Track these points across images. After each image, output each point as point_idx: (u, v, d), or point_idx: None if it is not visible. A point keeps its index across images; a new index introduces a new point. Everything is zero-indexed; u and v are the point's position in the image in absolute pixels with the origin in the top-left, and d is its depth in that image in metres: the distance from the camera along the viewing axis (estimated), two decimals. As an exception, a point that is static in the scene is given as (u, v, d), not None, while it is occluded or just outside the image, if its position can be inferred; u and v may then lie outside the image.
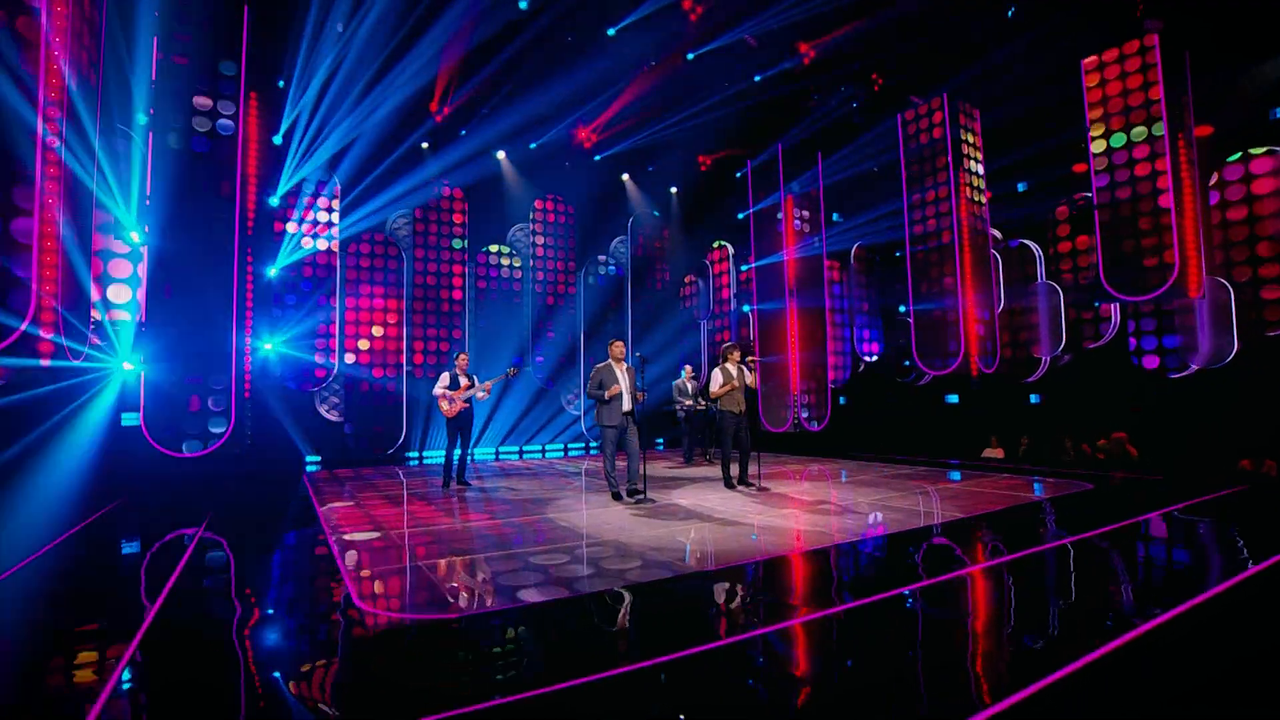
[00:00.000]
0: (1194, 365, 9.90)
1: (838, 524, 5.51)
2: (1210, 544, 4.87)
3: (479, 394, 8.14)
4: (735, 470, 7.71)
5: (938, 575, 4.04)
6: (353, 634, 3.11)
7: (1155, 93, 9.02)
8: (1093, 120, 9.59)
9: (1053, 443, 11.03)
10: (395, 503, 6.94)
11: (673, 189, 14.72)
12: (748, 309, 13.56)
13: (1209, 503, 6.30)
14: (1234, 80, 9.54)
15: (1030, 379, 12.06)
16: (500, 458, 12.46)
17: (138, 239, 6.78)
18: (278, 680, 2.56)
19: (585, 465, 10.87)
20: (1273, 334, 8.87)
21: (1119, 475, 8.56)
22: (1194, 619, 3.06)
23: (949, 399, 13.41)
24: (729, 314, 14.51)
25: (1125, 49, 9.28)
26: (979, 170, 11.17)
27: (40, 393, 5.42)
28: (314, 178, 10.76)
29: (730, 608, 3.48)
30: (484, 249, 12.86)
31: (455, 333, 12.23)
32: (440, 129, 11.36)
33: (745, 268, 13.75)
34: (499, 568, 4.22)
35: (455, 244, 12.26)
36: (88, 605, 3.66)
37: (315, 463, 10.67)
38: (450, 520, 5.91)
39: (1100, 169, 9.52)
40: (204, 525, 5.58)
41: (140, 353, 6.75)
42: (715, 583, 3.92)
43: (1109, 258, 9.46)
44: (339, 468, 10.58)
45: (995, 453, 11.17)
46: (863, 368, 14.27)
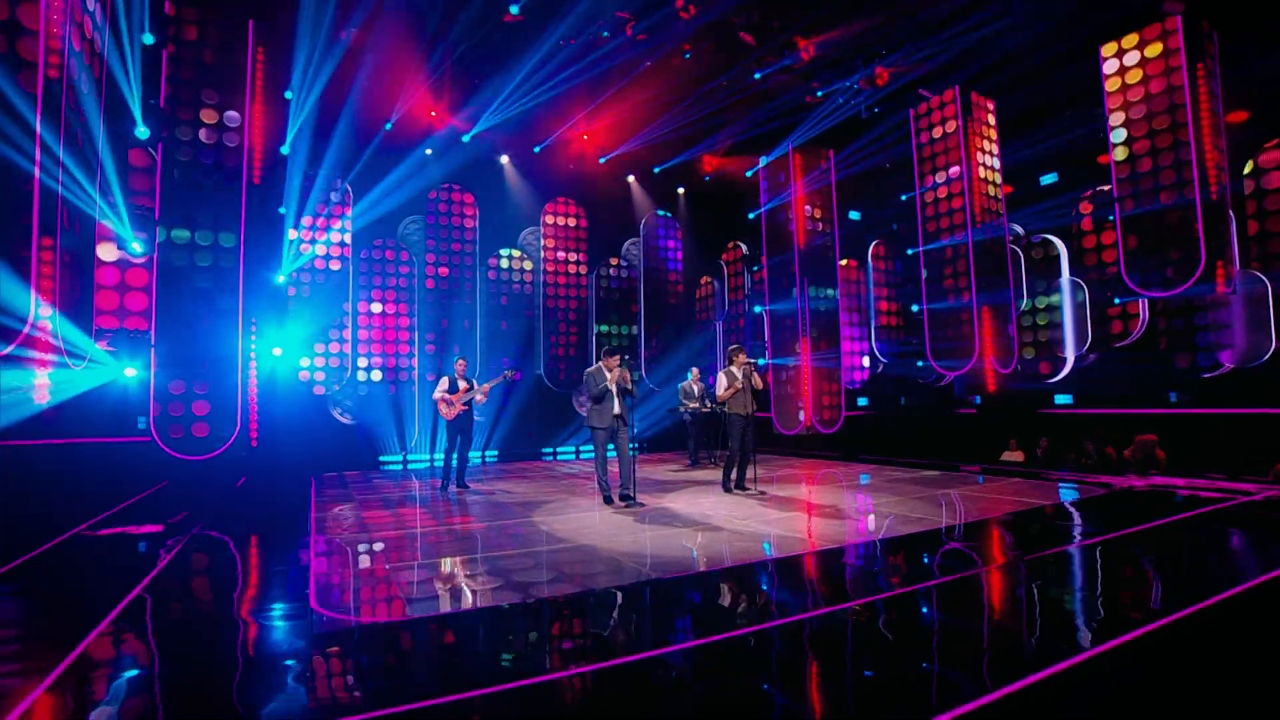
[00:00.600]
0: (1228, 364, 9.42)
1: (821, 530, 5.36)
2: (1196, 566, 4.60)
3: (478, 397, 8.19)
4: (737, 473, 7.58)
5: (894, 589, 3.89)
6: (282, 632, 3.12)
7: (1178, 78, 8.61)
8: (1112, 109, 9.20)
9: (1075, 446, 10.60)
10: (389, 505, 7.01)
11: (680, 189, 14.63)
12: (759, 309, 13.39)
13: (1226, 513, 5.96)
14: (1271, 62, 9.05)
15: (1055, 379, 11.64)
16: (505, 460, 12.51)
17: (140, 249, 7.00)
18: (188, 670, 2.59)
19: (586, 468, 10.87)
20: (1311, 330, 8.38)
21: (1138, 480, 8.17)
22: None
23: (970, 399, 13.02)
24: (743, 314, 14.35)
25: (1145, 34, 8.88)
26: (995, 164, 10.82)
27: (42, 396, 5.61)
28: (323, 185, 10.98)
29: (660, 620, 3.40)
30: (495, 253, 12.96)
31: (466, 337, 12.35)
32: (443, 135, 11.49)
33: (756, 268, 13.58)
34: (462, 571, 4.21)
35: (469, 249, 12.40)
36: (56, 602, 3.77)
37: (327, 464, 10.87)
38: (435, 523, 5.95)
39: (1120, 159, 9.13)
40: (194, 524, 5.72)
41: (141, 359, 6.96)
42: (665, 591, 3.83)
43: (1130, 252, 9.06)
44: (349, 469, 10.77)
45: (1015, 456, 10.78)
46: (880, 368, 13.97)
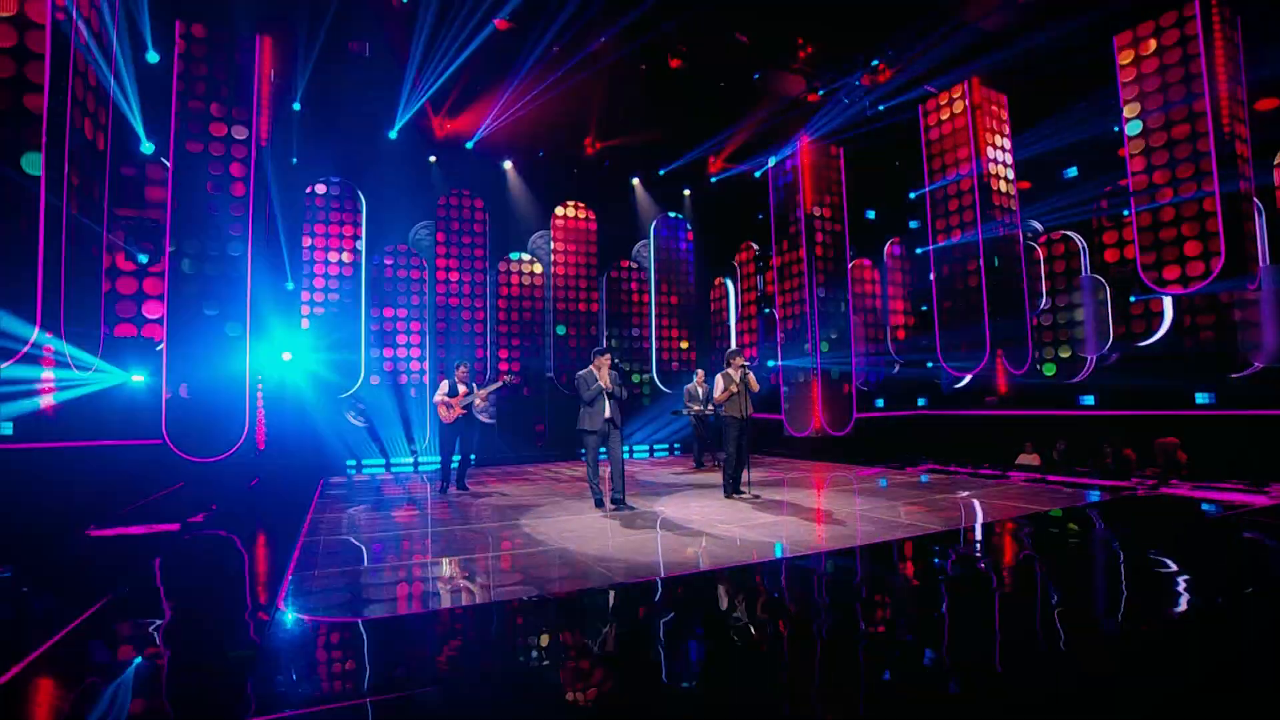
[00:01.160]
0: (1257, 363, 9.02)
1: (798, 536, 5.29)
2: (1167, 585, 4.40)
3: (477, 401, 8.30)
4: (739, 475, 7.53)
5: (846, 600, 3.82)
6: (244, 629, 3.22)
7: (1196, 67, 8.26)
8: (1127, 101, 8.88)
9: (1094, 448, 10.25)
10: (385, 507, 7.15)
11: (686, 191, 14.58)
12: (768, 311, 13.27)
13: (1241, 518, 5.70)
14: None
15: (1076, 379, 11.28)
16: (512, 463, 12.60)
17: (146, 260, 7.29)
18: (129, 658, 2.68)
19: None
20: (1342, 328, 7.97)
21: (1151, 484, 7.87)
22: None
23: (988, 401, 12.69)
24: (755, 315, 14.24)
25: (1162, 21, 8.55)
26: (1006, 160, 10.53)
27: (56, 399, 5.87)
28: (333, 193, 11.26)
29: (584, 629, 3.39)
30: (504, 256, 13.10)
31: (478, 340, 12.52)
32: (449, 142, 11.66)
33: (766, 269, 13.46)
34: (430, 573, 4.28)
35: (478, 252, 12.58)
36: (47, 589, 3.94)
37: (341, 466, 11.14)
38: (423, 526, 6.04)
39: (1136, 152, 8.81)
40: (195, 525, 5.93)
41: (149, 365, 7.24)
42: (618, 598, 3.83)
43: (1146, 248, 8.73)
44: (361, 471, 11.02)
45: (1031, 459, 10.48)
46: (897, 369, 13.72)
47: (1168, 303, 9.86)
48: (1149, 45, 8.66)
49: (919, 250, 12.32)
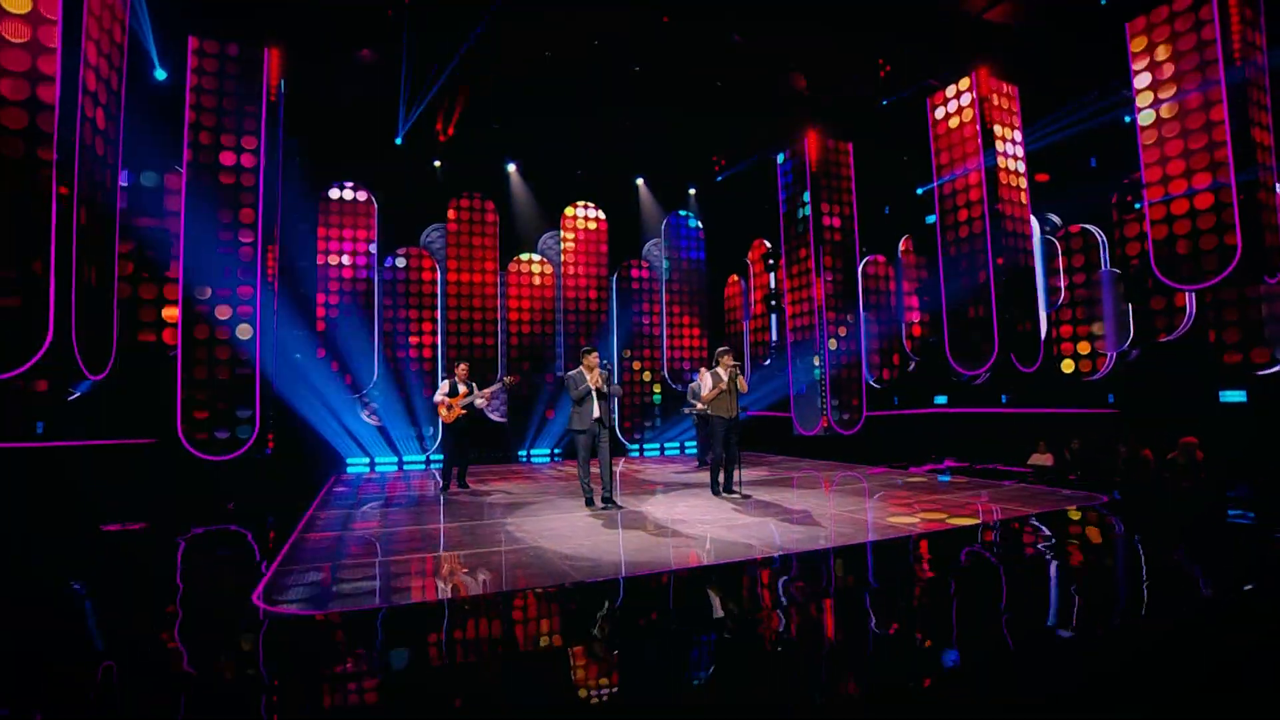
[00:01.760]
0: (1285, 360, 8.64)
1: (773, 538, 5.30)
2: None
3: (478, 401, 8.48)
4: (724, 476, 7.56)
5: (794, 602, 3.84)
6: (218, 619, 3.41)
7: (1211, 53, 7.93)
8: (1140, 90, 8.57)
9: (1111, 447, 9.94)
10: (384, 505, 7.39)
11: (691, 190, 14.55)
12: (776, 307, 13.18)
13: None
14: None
15: (1095, 376, 10.95)
16: (517, 461, 12.79)
17: (158, 266, 7.65)
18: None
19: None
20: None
21: (1159, 486, 7.63)
22: None
23: (1004, 398, 12.40)
24: (765, 314, 14.16)
25: (1175, 5, 8.22)
26: (1017, 152, 10.26)
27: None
28: (346, 198, 11.60)
29: (520, 627, 3.48)
30: (515, 257, 13.29)
31: (489, 340, 12.75)
32: (458, 145, 11.88)
33: (775, 267, 13.37)
34: (390, 571, 4.43)
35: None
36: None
37: (358, 464, 11.49)
38: (414, 524, 6.23)
39: (1149, 143, 8.50)
40: (205, 519, 6.24)
41: (164, 369, 7.60)
42: (557, 598, 3.92)
43: (1160, 241, 8.43)
44: (375, 468, 11.36)
45: (1044, 458, 10.21)
46: (912, 366, 13.49)
47: (1190, 298, 9.50)
48: (1163, 31, 8.34)
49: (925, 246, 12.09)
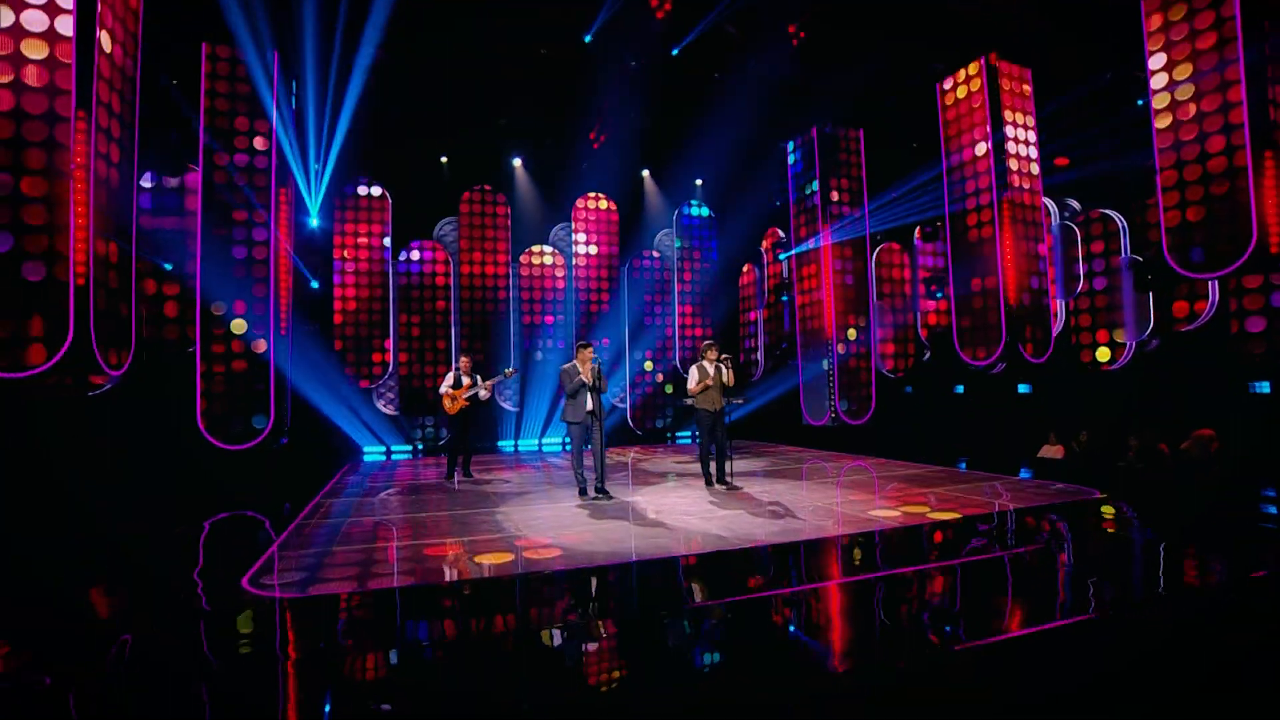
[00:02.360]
0: (1309, 350, 8.33)
1: (748, 530, 5.40)
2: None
3: (481, 393, 8.72)
4: (714, 467, 7.66)
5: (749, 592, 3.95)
6: (204, 601, 3.70)
7: (1230, 29, 7.60)
8: (1154, 71, 8.27)
9: (1123, 440, 9.70)
10: (388, 492, 7.71)
11: (698, 181, 14.51)
12: (786, 298, 13.14)
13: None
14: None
15: (1114, 366, 10.68)
16: (525, 450, 13.04)
17: (171, 267, 8.05)
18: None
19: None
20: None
21: (1165, 481, 7.48)
22: None
23: (1020, 389, 12.16)
24: (775, 303, 14.12)
25: (1193, -16, 7.89)
26: (1029, 137, 9.99)
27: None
28: (360, 193, 11.93)
29: (447, 618, 3.66)
30: (527, 249, 13.50)
31: (501, 331, 13.02)
32: (468, 140, 12.08)
33: (783, 256, 13.31)
34: (375, 558, 4.69)
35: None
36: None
37: (374, 452, 11.93)
38: (410, 512, 6.51)
39: (1163, 126, 8.21)
40: (217, 504, 6.63)
41: (181, 363, 8.03)
42: (508, 588, 4.10)
43: (1172, 228, 8.17)
44: (390, 455, 11.77)
45: (1054, 450, 10.03)
46: (927, 356, 13.32)
47: (1213, 285, 9.18)
48: (1179, 9, 8.02)
49: (929, 230, 11.88)
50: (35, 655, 3.04)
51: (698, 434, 10.81)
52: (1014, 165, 9.75)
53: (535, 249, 13.58)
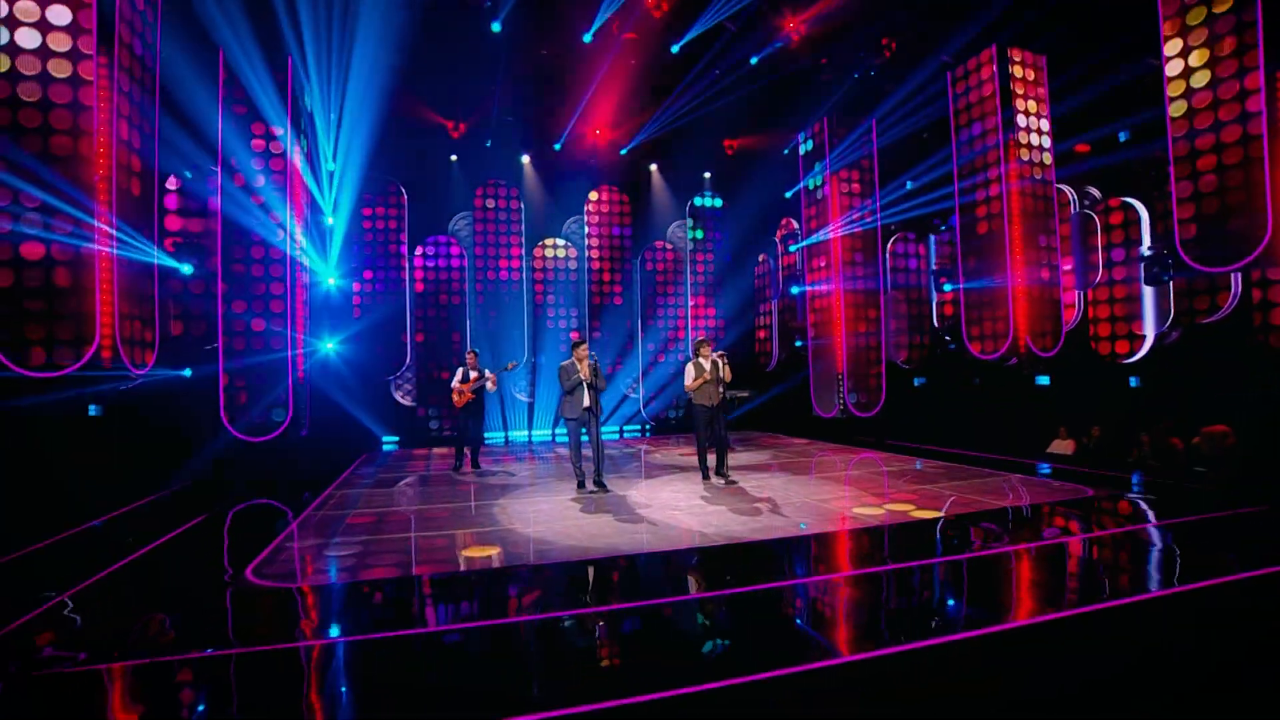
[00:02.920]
0: (1334, 344, 8.07)
1: (732, 526, 5.54)
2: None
3: (488, 385, 9.00)
4: (712, 461, 7.80)
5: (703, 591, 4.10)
6: (204, 590, 4.02)
7: (1250, 14, 7.32)
8: (1169, 58, 8.01)
9: (1141, 435, 9.52)
10: (397, 484, 8.05)
11: (706, 174, 14.48)
12: (796, 290, 13.11)
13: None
14: None
15: (1132, 358, 10.45)
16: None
17: (190, 270, 8.44)
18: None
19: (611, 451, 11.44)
20: None
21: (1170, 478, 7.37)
22: None
23: (1039, 381, 11.96)
24: (786, 294, 14.09)
25: (1212, -36, 7.60)
26: (1042, 126, 9.76)
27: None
28: (374, 190, 12.26)
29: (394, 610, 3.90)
30: (540, 242, 13.71)
31: (516, 323, 13.29)
32: (466, 142, 12.29)
33: (794, 248, 13.25)
34: (370, 550, 4.97)
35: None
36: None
37: (392, 442, 12.37)
38: (413, 504, 6.82)
39: (1178, 115, 7.97)
40: (231, 493, 7.04)
41: (201, 362, 8.45)
42: (478, 582, 4.32)
43: (1185, 221, 7.95)
44: (407, 445, 12.18)
45: (1065, 445, 9.90)
46: (952, 346, 13.17)
47: (1235, 277, 8.91)
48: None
49: (940, 225, 11.70)
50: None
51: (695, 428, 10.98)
52: (1025, 156, 9.56)
53: (548, 241, 13.78)
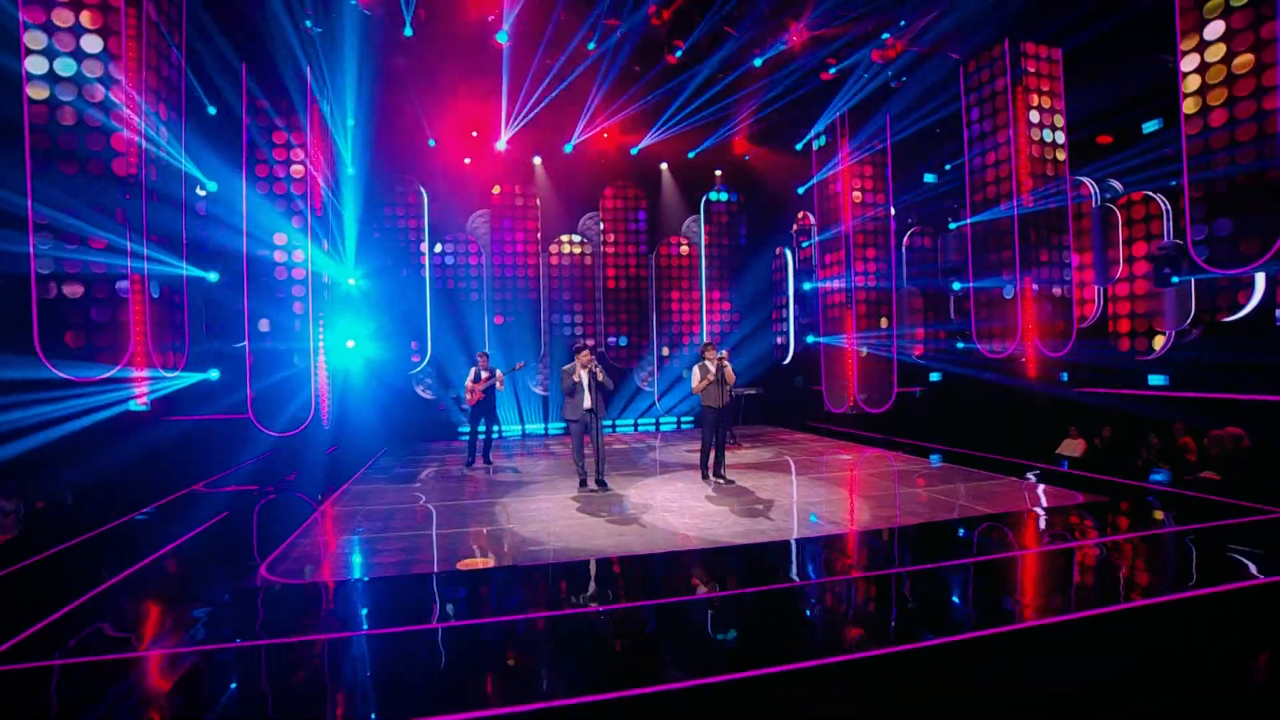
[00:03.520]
0: (1357, 345, 7.86)
1: (716, 530, 5.74)
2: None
3: (497, 385, 9.34)
4: (715, 460, 8.00)
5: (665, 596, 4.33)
6: (226, 584, 4.43)
7: (1269, 8, 7.08)
8: (1185, 51, 7.79)
9: (1157, 435, 9.36)
10: (410, 480, 8.47)
11: (717, 171, 14.48)
12: (808, 286, 13.12)
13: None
14: None
15: (1151, 356, 10.26)
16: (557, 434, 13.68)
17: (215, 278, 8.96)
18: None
19: (629, 444, 11.71)
20: None
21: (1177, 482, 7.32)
22: None
23: (1063, 376, 11.78)
24: (798, 289, 14.09)
25: (1229, -45, 7.35)
26: (1056, 121, 9.58)
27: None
28: (395, 192, 12.65)
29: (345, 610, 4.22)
30: (556, 239, 13.96)
31: (532, 319, 13.62)
32: (480, 145, 12.57)
33: (806, 244, 13.24)
34: (373, 548, 5.34)
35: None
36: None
37: (410, 434, 12.85)
38: (421, 501, 7.20)
39: (1192, 112, 7.77)
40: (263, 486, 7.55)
41: (225, 363, 8.96)
42: (456, 582, 4.63)
43: (1198, 221, 7.78)
44: (429, 439, 12.66)
45: (1075, 445, 9.81)
46: (961, 345, 13.08)
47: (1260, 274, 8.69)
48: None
49: (951, 226, 11.55)
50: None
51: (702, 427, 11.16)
52: (1037, 153, 9.41)
53: (564, 238, 14.02)
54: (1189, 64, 7.78)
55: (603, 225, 14.13)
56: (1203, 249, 7.81)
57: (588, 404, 7.51)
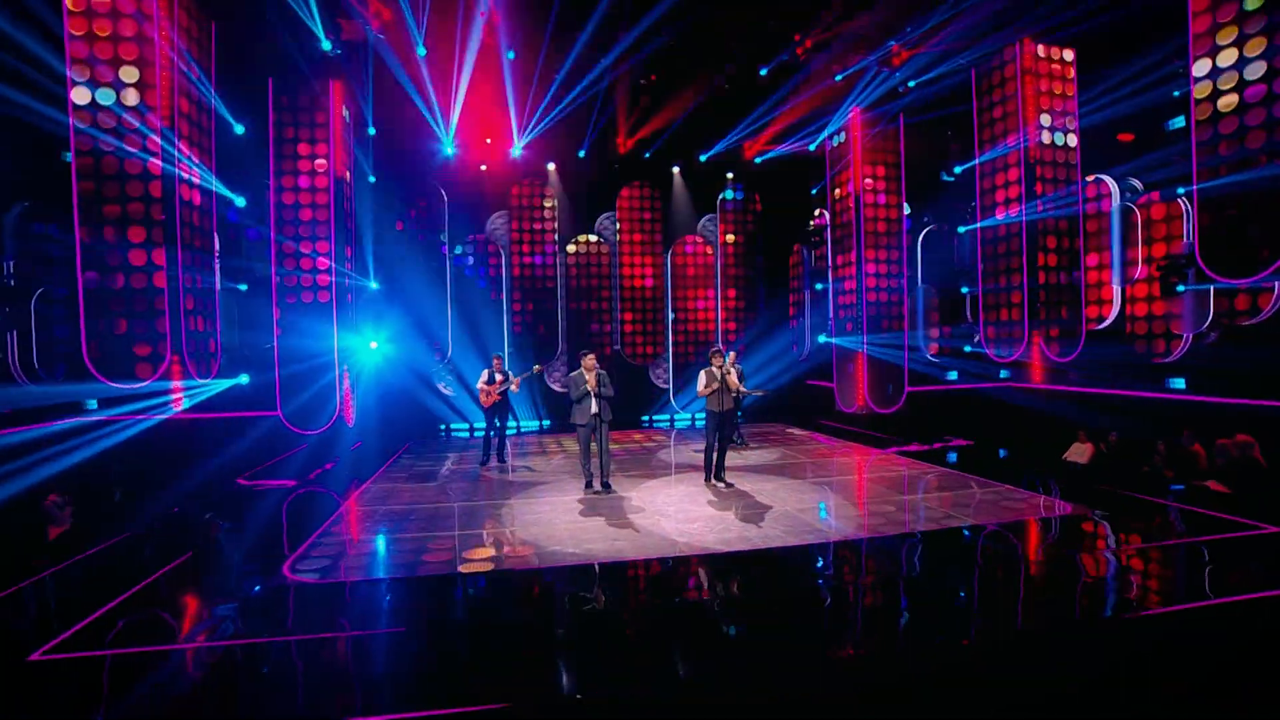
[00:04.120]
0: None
1: (707, 537, 6.00)
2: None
3: (512, 387, 9.72)
4: (717, 464, 8.26)
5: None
6: (250, 583, 4.88)
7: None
8: (1197, 56, 7.67)
9: (1159, 443, 9.32)
10: (428, 479, 8.92)
11: (729, 175, 14.54)
12: (820, 286, 13.19)
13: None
14: None
15: (1168, 359, 10.15)
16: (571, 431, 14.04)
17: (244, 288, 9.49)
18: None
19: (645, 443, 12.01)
20: None
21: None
22: None
23: (1071, 377, 11.70)
24: (809, 289, 14.16)
25: (1243, -43, 7.20)
26: (1068, 124, 9.48)
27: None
28: (418, 196, 13.07)
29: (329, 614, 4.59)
30: (573, 239, 14.26)
31: (549, 317, 13.99)
32: (495, 151, 12.89)
33: (817, 244, 13.29)
34: (385, 548, 5.75)
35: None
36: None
37: (432, 428, 13.38)
38: (434, 503, 7.62)
39: (1204, 118, 7.66)
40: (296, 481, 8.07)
41: (253, 368, 9.51)
42: (449, 587, 4.99)
43: (1206, 228, 7.71)
44: (449, 434, 13.16)
45: (1083, 450, 9.78)
46: (969, 349, 13.02)
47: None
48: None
49: (960, 229, 11.48)
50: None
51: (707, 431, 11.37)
52: (1046, 156, 9.35)
53: (581, 238, 14.30)
54: (1200, 68, 7.66)
55: (619, 225, 14.37)
56: (1210, 258, 7.74)
57: (594, 409, 7.83)
